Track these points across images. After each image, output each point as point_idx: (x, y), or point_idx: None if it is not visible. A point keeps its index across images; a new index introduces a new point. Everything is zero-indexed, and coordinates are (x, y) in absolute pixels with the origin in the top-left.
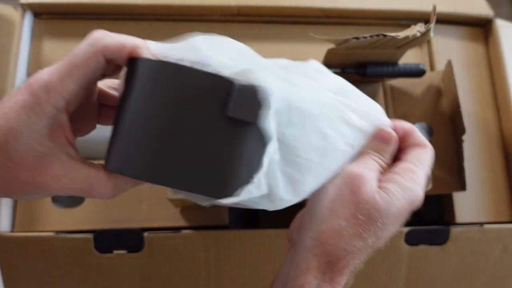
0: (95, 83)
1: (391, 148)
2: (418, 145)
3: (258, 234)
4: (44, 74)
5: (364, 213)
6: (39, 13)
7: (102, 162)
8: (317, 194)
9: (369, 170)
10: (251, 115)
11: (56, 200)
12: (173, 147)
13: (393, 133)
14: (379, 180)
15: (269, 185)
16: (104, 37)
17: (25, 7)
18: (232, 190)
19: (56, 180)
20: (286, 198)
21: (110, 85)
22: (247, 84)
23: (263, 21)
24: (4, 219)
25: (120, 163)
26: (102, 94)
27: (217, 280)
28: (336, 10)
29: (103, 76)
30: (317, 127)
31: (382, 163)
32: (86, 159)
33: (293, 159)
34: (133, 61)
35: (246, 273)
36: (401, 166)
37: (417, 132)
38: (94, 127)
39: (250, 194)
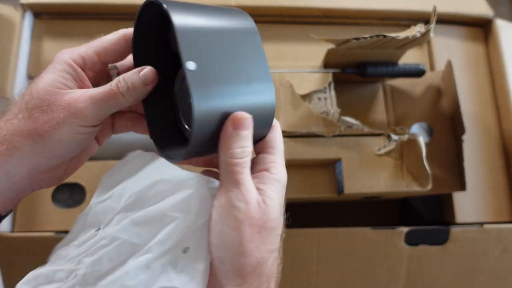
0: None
1: (248, 133)
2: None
3: None
4: (67, 52)
5: (268, 232)
6: (39, 13)
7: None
8: (220, 243)
9: (249, 186)
10: None
11: (56, 200)
12: None
13: (241, 118)
14: (257, 180)
15: None
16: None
17: (25, 7)
18: None
19: (84, 94)
20: None
21: None
22: None
23: (263, 21)
24: (4, 219)
25: None
26: None
27: None
28: (336, 10)
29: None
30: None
31: (246, 159)
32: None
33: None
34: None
35: None
36: (263, 160)
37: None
38: (109, 136)
39: None
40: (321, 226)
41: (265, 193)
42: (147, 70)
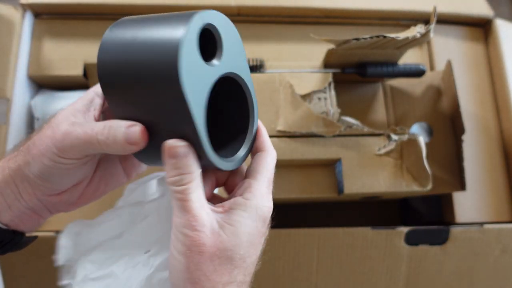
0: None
1: (183, 160)
2: (259, 150)
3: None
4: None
5: (221, 261)
6: (39, 13)
7: None
8: (171, 267)
9: (196, 213)
10: None
11: None
12: None
13: (170, 147)
14: (222, 207)
15: None
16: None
17: (25, 7)
18: None
19: (70, 129)
20: None
21: None
22: None
23: (263, 21)
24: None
25: None
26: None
27: None
28: (336, 10)
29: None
30: None
31: (189, 186)
32: None
33: None
34: None
35: None
36: (242, 185)
37: (262, 135)
38: (140, 168)
39: None
40: (321, 226)
41: (229, 219)
42: (135, 129)
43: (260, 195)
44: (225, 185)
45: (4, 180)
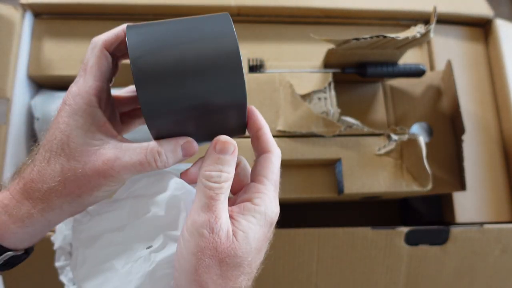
0: (110, 80)
1: (229, 158)
2: (264, 152)
3: None
4: (72, 87)
5: (230, 267)
6: (39, 13)
7: None
8: (178, 265)
9: (218, 215)
10: None
11: None
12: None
13: (224, 142)
14: (231, 212)
15: None
16: (100, 36)
17: (25, 7)
18: None
19: (117, 161)
20: None
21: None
22: None
23: (263, 21)
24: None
25: None
26: (117, 100)
27: None
28: (336, 10)
29: (113, 74)
30: None
31: (223, 185)
32: None
33: None
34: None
35: None
36: (249, 189)
37: (265, 135)
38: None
39: None
40: (321, 226)
41: (240, 225)
42: (190, 145)
43: (269, 201)
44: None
45: (29, 216)
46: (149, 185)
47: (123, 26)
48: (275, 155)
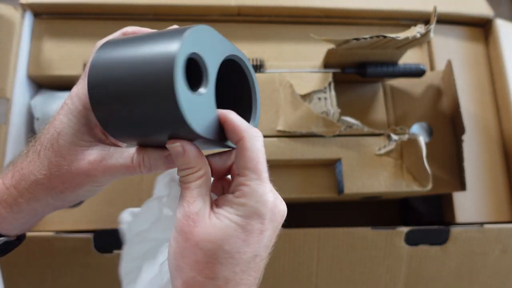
0: None
1: (184, 159)
2: (237, 141)
3: None
4: (74, 87)
5: (204, 254)
6: (39, 13)
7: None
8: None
9: (191, 202)
10: None
11: None
12: None
13: (174, 148)
14: (212, 204)
15: None
16: (104, 39)
17: (25, 7)
18: None
19: (102, 162)
20: None
21: None
22: None
23: (263, 21)
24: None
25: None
26: None
27: None
28: (336, 10)
29: None
30: None
31: (193, 181)
32: None
33: None
34: None
35: None
36: (233, 183)
37: (229, 122)
38: None
39: None
40: (321, 226)
41: (218, 215)
42: (170, 159)
43: (252, 191)
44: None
45: (16, 203)
46: (162, 187)
47: (126, 29)
48: (248, 139)
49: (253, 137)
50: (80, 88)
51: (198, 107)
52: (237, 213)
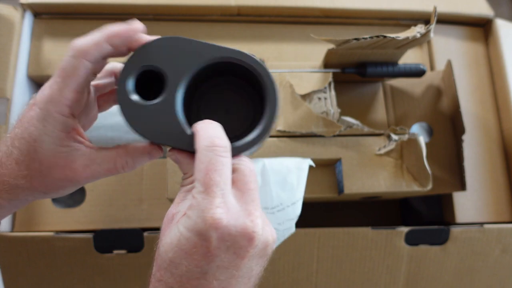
0: (88, 84)
1: (181, 166)
2: (196, 149)
3: None
4: (46, 89)
5: (159, 253)
6: (39, 13)
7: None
8: None
9: (175, 203)
10: None
11: (56, 200)
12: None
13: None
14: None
15: None
16: (79, 41)
17: (25, 7)
18: None
19: (86, 168)
20: None
21: (98, 76)
22: None
23: (263, 21)
24: (4, 219)
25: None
26: (96, 87)
27: None
28: (336, 10)
29: (94, 75)
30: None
31: (189, 181)
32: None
33: None
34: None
35: None
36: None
37: (196, 131)
38: (95, 118)
39: None
40: (321, 226)
41: (179, 221)
42: (154, 153)
43: (194, 205)
44: None
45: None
46: None
47: (105, 33)
48: (200, 149)
49: (206, 148)
50: (56, 94)
51: (152, 114)
52: (184, 224)
